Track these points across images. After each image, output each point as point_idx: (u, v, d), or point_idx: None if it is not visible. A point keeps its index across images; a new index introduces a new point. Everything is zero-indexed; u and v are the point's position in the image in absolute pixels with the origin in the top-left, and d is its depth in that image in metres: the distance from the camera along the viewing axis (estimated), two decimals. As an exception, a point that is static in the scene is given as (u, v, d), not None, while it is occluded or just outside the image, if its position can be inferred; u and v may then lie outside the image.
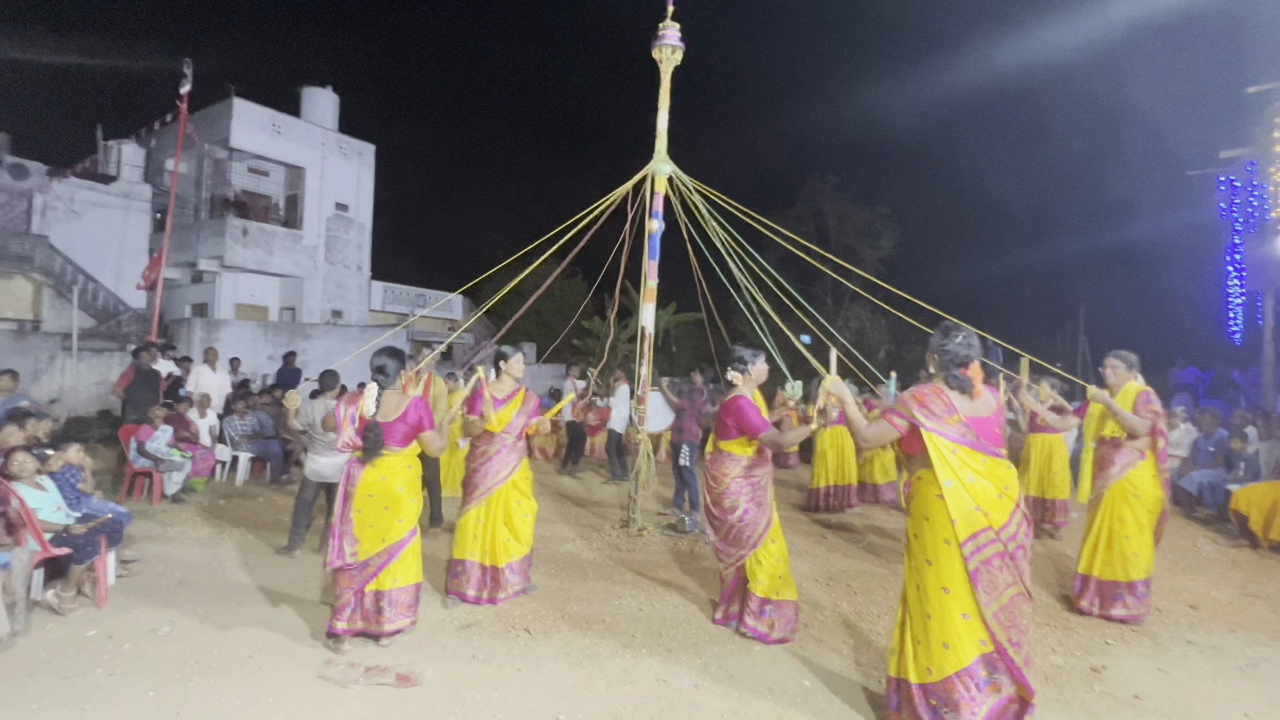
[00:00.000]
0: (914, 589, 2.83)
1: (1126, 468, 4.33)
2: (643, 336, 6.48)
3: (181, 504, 6.92)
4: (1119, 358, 4.50)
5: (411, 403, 3.67)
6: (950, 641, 2.67)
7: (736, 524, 3.72)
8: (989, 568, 2.65)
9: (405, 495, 3.62)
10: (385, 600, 3.55)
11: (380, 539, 3.56)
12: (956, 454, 2.71)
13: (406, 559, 3.64)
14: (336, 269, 20.84)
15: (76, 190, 17.77)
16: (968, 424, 2.75)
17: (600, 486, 8.90)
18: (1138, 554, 4.22)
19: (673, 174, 6.48)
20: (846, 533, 6.57)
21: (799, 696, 3.16)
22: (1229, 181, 10.97)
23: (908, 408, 2.78)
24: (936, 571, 2.72)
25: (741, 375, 3.85)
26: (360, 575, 3.55)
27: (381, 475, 3.58)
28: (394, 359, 3.72)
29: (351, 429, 3.58)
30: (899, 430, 2.82)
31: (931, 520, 2.75)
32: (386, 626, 3.54)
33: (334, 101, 21.33)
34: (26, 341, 13.72)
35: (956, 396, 2.79)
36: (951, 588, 2.68)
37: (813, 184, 28.03)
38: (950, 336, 2.88)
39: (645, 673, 3.34)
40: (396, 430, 3.62)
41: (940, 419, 2.74)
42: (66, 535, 4.12)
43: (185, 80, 11.39)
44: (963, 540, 2.64)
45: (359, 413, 3.56)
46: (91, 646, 3.53)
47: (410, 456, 3.71)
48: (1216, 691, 3.32)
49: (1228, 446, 7.66)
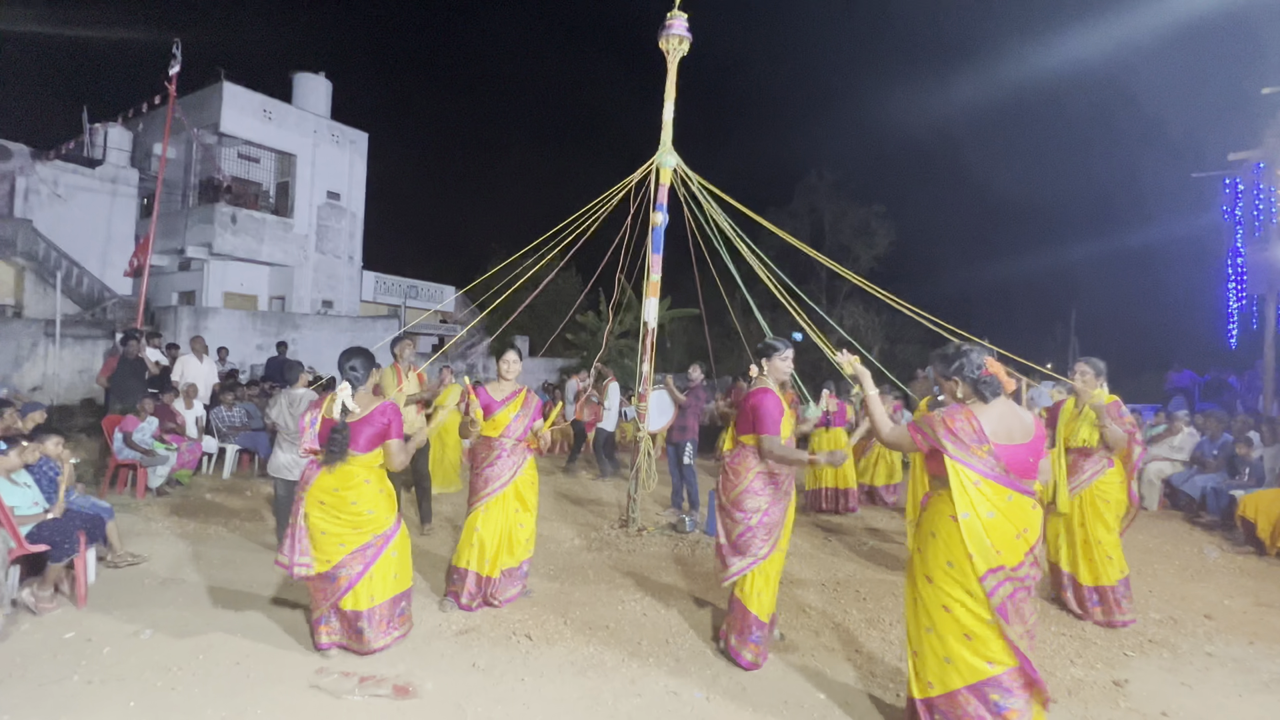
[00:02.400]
0: (912, 602, 2.75)
1: (1096, 475, 4.34)
2: (645, 332, 6.31)
3: (166, 498, 6.72)
4: (1089, 364, 4.44)
5: (381, 405, 3.42)
6: (953, 657, 2.57)
7: (755, 526, 3.39)
8: (1014, 600, 2.53)
9: (360, 508, 3.35)
10: (364, 620, 3.32)
11: (338, 544, 3.32)
12: (979, 486, 2.56)
13: (381, 572, 3.39)
14: (327, 258, 20.53)
15: (61, 174, 17.38)
16: (997, 454, 2.57)
17: (595, 484, 8.76)
18: (1110, 557, 4.27)
19: (677, 166, 6.32)
20: (849, 536, 6.45)
21: (815, 711, 3.02)
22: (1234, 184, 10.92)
23: (935, 431, 2.63)
24: (935, 590, 2.61)
25: (764, 364, 3.58)
26: (331, 588, 3.32)
27: (335, 486, 3.33)
28: (363, 358, 3.48)
29: (312, 432, 3.37)
30: (918, 446, 2.70)
31: (938, 538, 2.62)
32: (370, 645, 3.32)
33: (326, 88, 20.98)
34: (8, 327, 13.38)
35: (991, 421, 2.61)
36: (952, 607, 2.57)
37: (809, 181, 27.97)
38: (953, 356, 2.76)
39: (654, 684, 3.20)
40: (361, 433, 3.35)
41: (968, 449, 2.57)
42: (46, 525, 3.92)
43: (174, 61, 11.10)
44: (981, 575, 2.52)
45: (322, 413, 3.35)
46: (69, 650, 3.34)
47: (370, 467, 3.41)
48: (1244, 708, 3.21)
49: (1231, 451, 7.61)
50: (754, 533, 3.41)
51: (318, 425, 3.38)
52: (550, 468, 9.88)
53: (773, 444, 3.38)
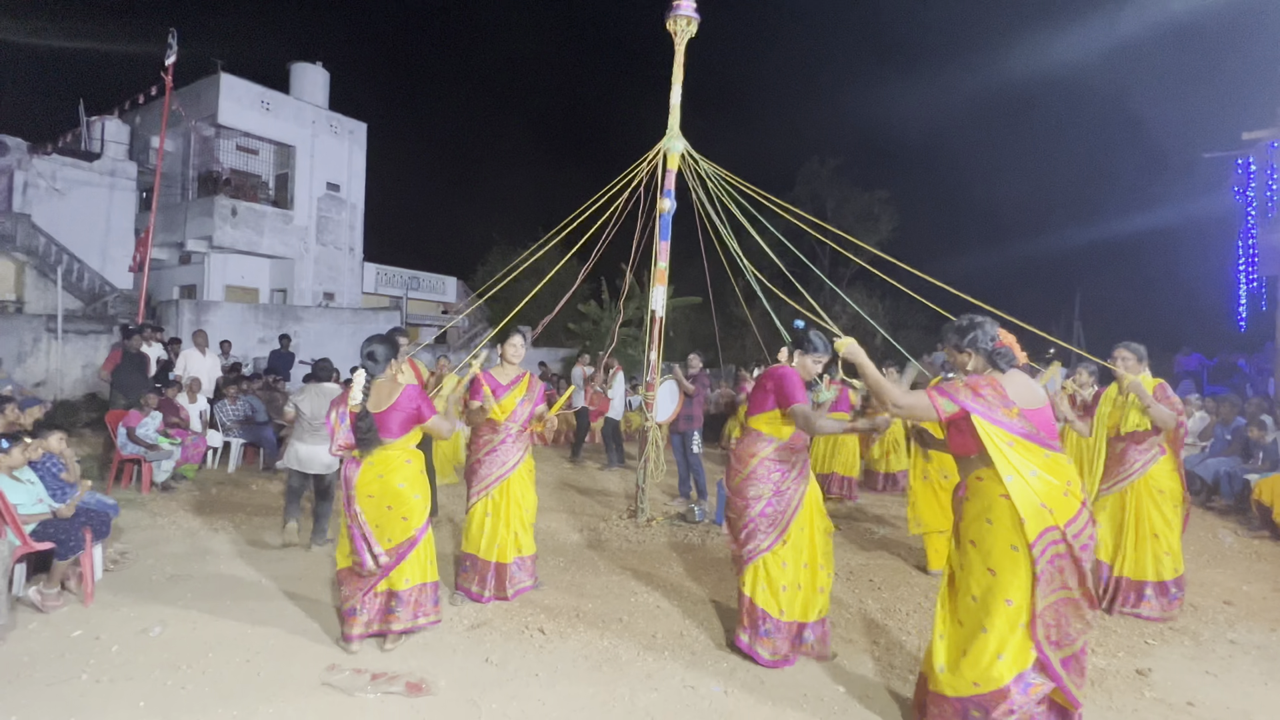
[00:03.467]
0: (967, 600, 2.59)
1: (1149, 463, 4.18)
2: (653, 321, 6.23)
3: (172, 492, 6.68)
4: (1130, 349, 4.29)
5: (405, 391, 3.40)
6: (1005, 652, 2.48)
7: (756, 517, 3.25)
8: (1051, 568, 2.46)
9: (408, 491, 3.36)
10: (396, 600, 3.32)
11: (386, 539, 3.32)
12: (1014, 446, 2.50)
13: (418, 558, 3.40)
14: (328, 250, 20.43)
15: (59, 167, 17.27)
16: (1026, 416, 2.54)
17: (601, 474, 8.71)
18: (1169, 552, 4.10)
19: (685, 151, 6.22)
20: (858, 523, 6.40)
21: (835, 705, 2.97)
22: (1247, 164, 10.77)
23: (959, 394, 2.55)
24: (1001, 582, 2.49)
25: (796, 355, 3.44)
26: (369, 578, 3.33)
27: (379, 474, 3.33)
28: (384, 345, 3.44)
29: (344, 428, 3.33)
30: (938, 412, 2.55)
31: (996, 524, 2.52)
32: (395, 626, 3.32)
33: (324, 78, 20.79)
34: (10, 322, 13.33)
35: (1011, 387, 2.57)
36: (1015, 599, 2.47)
37: (811, 167, 27.75)
38: (966, 327, 2.69)
39: (670, 678, 3.15)
40: (391, 420, 3.35)
41: (996, 409, 2.53)
42: (51, 522, 3.88)
43: (170, 51, 10.97)
44: (1031, 541, 2.43)
45: (348, 407, 3.31)
46: (77, 649, 3.30)
47: (408, 449, 3.44)
48: (1271, 696, 3.16)
49: (1245, 435, 7.53)
50: (755, 524, 3.27)
51: (346, 421, 3.33)
52: (556, 458, 9.83)
53: (807, 410, 3.17)
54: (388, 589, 3.34)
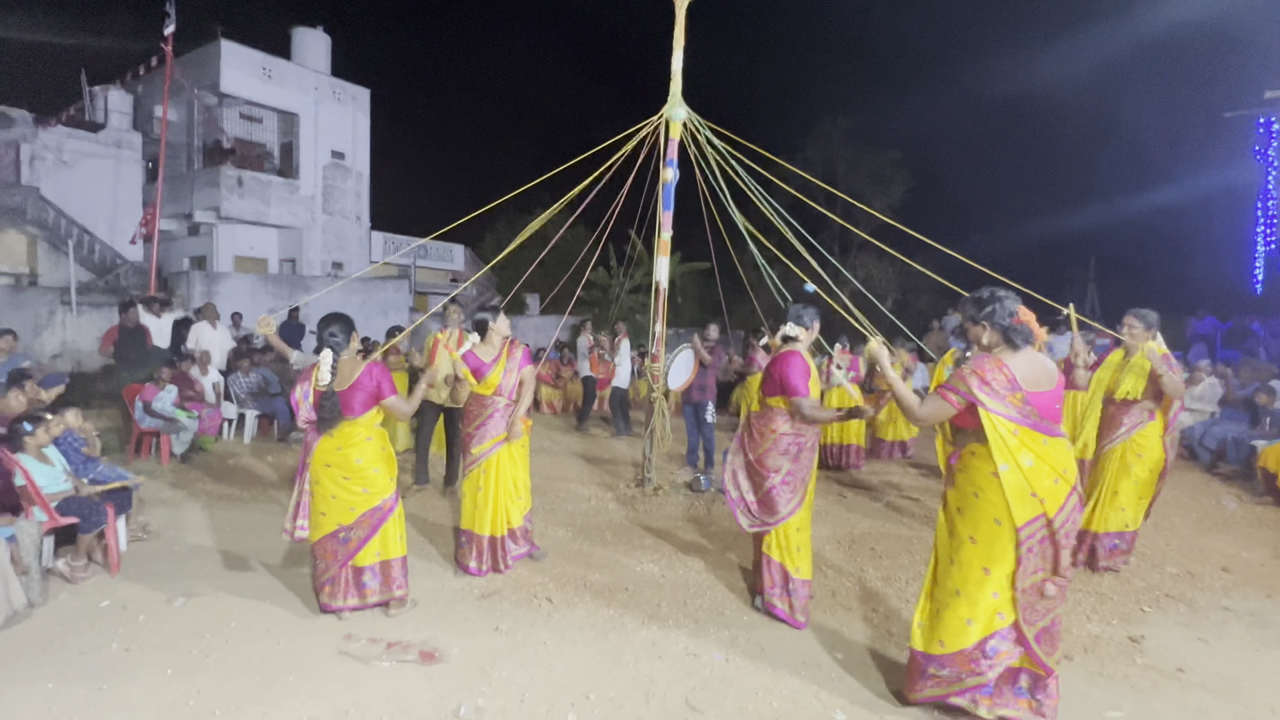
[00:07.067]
0: (947, 562, 2.71)
1: (1135, 428, 4.31)
2: (657, 292, 6.24)
3: (190, 464, 6.84)
4: (1138, 317, 4.33)
5: (366, 369, 3.46)
6: (974, 618, 2.58)
7: (778, 485, 3.48)
8: (1032, 554, 2.53)
9: (365, 466, 3.44)
10: (368, 574, 3.46)
11: (348, 508, 3.43)
12: (1017, 435, 2.54)
13: (388, 533, 3.51)
14: (335, 219, 20.42)
15: (65, 139, 17.25)
16: (1030, 401, 2.56)
17: (610, 442, 8.83)
18: (1123, 508, 4.32)
19: (688, 119, 6.14)
20: (865, 491, 6.48)
21: (833, 671, 3.07)
22: (1269, 124, 10.48)
23: (967, 384, 2.58)
24: (980, 551, 2.58)
25: (806, 331, 3.62)
26: (342, 550, 3.43)
27: (337, 445, 3.42)
28: (343, 323, 3.52)
29: (307, 404, 3.43)
30: (955, 408, 2.63)
31: (982, 497, 2.58)
32: (370, 599, 3.48)
33: (326, 43, 20.52)
34: (25, 296, 13.51)
35: (1020, 368, 2.58)
36: (993, 569, 2.55)
37: (822, 129, 27.22)
38: (985, 300, 2.70)
39: (674, 645, 3.26)
40: (353, 398, 3.42)
41: (1002, 398, 2.54)
42: (74, 498, 4.01)
43: (169, 20, 10.84)
44: (1019, 526, 2.50)
45: (312, 385, 3.40)
46: (106, 618, 3.45)
47: (370, 426, 3.50)
48: (1261, 662, 3.24)
49: (1252, 401, 7.51)
50: (778, 491, 3.49)
51: (310, 398, 3.43)
52: (564, 426, 9.95)
53: (810, 404, 3.42)
54: (356, 565, 3.45)
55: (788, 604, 3.51)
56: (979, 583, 2.57)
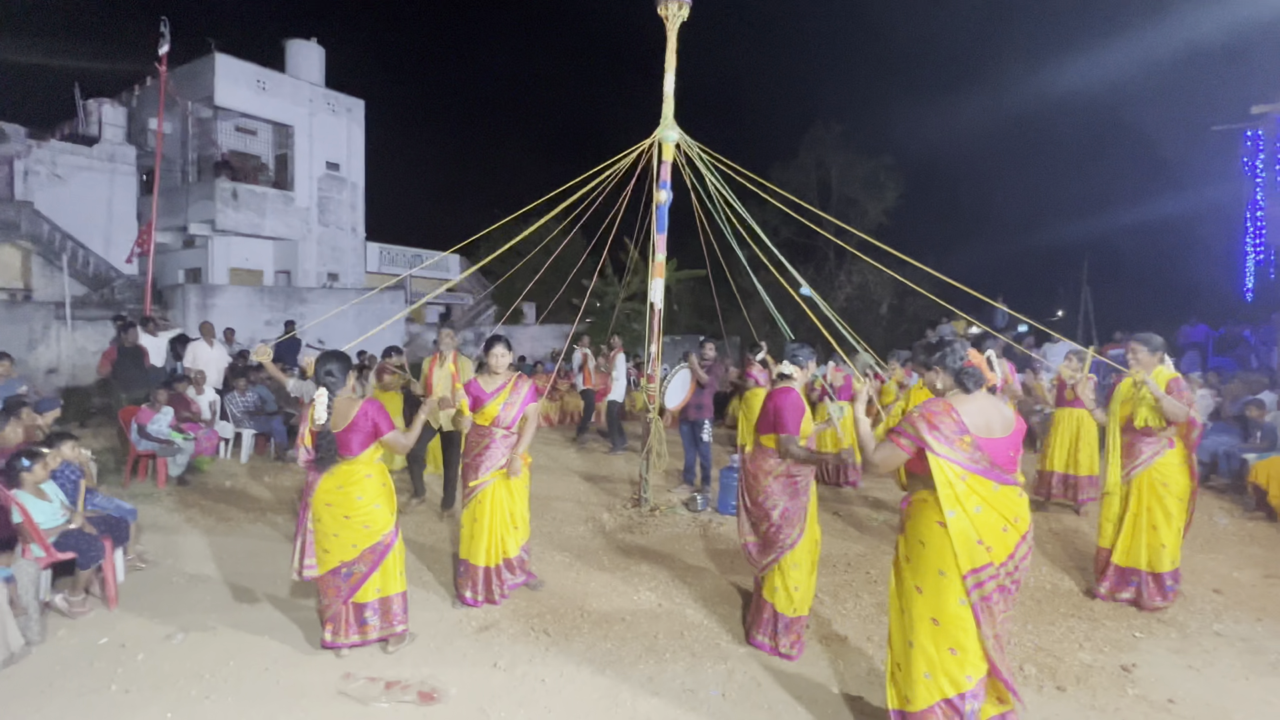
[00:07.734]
0: (897, 613, 2.73)
1: (1155, 456, 4.22)
2: (652, 313, 6.27)
3: (187, 486, 6.84)
4: (1142, 341, 4.30)
5: (362, 408, 3.46)
6: (933, 672, 2.57)
7: (778, 521, 3.50)
8: (988, 602, 2.52)
9: (366, 503, 3.45)
10: (369, 610, 3.48)
11: (350, 545, 3.44)
12: (965, 480, 2.53)
13: (388, 569, 3.53)
14: (330, 230, 20.41)
15: (59, 154, 17.23)
16: (980, 446, 2.55)
17: (606, 458, 8.84)
18: (1164, 545, 4.17)
19: (680, 140, 6.18)
20: (857, 508, 6.52)
21: (830, 708, 3.10)
22: (1256, 137, 10.60)
23: (916, 428, 2.59)
24: (926, 601, 2.59)
25: (800, 370, 3.71)
26: (345, 585, 3.45)
27: (339, 484, 3.43)
28: (340, 362, 3.51)
29: (305, 449, 3.46)
30: (906, 453, 2.63)
31: (928, 546, 2.59)
32: (371, 635, 3.50)
33: (320, 55, 20.53)
34: (20, 310, 13.46)
35: (970, 413, 2.60)
36: (941, 620, 2.56)
37: (815, 133, 27.30)
38: (936, 345, 2.79)
39: (671, 681, 3.28)
40: (350, 439, 3.42)
41: (951, 443, 2.55)
42: (72, 533, 4.01)
43: (164, 41, 10.86)
44: (965, 574, 2.51)
45: (309, 425, 3.42)
46: (104, 657, 3.46)
47: (369, 464, 3.51)
48: (1251, 691, 3.27)
49: (1243, 413, 7.57)
50: (778, 527, 3.52)
51: (307, 439, 3.44)
52: (561, 441, 9.97)
53: (793, 444, 3.46)
54: (361, 600, 3.47)
55: (775, 641, 3.55)
56: (930, 634, 2.58)
